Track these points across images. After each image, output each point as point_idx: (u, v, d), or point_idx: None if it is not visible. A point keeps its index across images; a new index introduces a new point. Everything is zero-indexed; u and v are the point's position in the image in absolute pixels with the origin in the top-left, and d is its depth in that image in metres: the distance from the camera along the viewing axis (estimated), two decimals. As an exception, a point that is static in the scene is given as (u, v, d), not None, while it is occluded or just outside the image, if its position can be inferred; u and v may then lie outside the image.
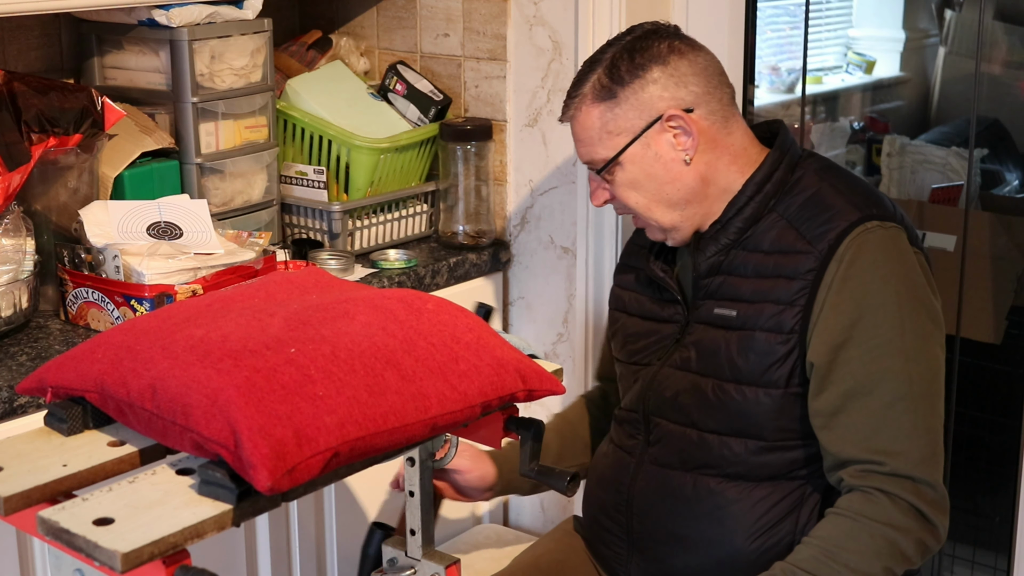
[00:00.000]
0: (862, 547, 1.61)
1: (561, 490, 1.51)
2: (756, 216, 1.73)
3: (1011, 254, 3.06)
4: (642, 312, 1.87)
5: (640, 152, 1.73)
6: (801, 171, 1.76)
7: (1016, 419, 2.51)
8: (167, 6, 2.16)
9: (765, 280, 1.70)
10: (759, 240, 1.72)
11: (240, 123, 2.32)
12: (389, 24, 2.69)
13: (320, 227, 2.44)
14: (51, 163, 2.04)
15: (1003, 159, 3.78)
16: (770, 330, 1.67)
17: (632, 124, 1.73)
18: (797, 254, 1.68)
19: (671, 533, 1.76)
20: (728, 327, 1.71)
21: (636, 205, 1.76)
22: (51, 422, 1.32)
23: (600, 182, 1.78)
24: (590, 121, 1.74)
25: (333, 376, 1.23)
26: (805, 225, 1.69)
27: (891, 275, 1.65)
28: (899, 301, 1.65)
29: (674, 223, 1.76)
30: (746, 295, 1.71)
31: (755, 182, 1.74)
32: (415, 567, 1.59)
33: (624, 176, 1.75)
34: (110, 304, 1.99)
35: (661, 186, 1.74)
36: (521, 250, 2.59)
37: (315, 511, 2.25)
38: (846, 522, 1.62)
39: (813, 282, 1.65)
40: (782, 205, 1.73)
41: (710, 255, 1.76)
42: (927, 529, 1.63)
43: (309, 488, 1.20)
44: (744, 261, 1.73)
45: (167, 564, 1.10)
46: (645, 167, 1.74)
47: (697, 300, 1.77)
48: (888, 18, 4.65)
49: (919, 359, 1.65)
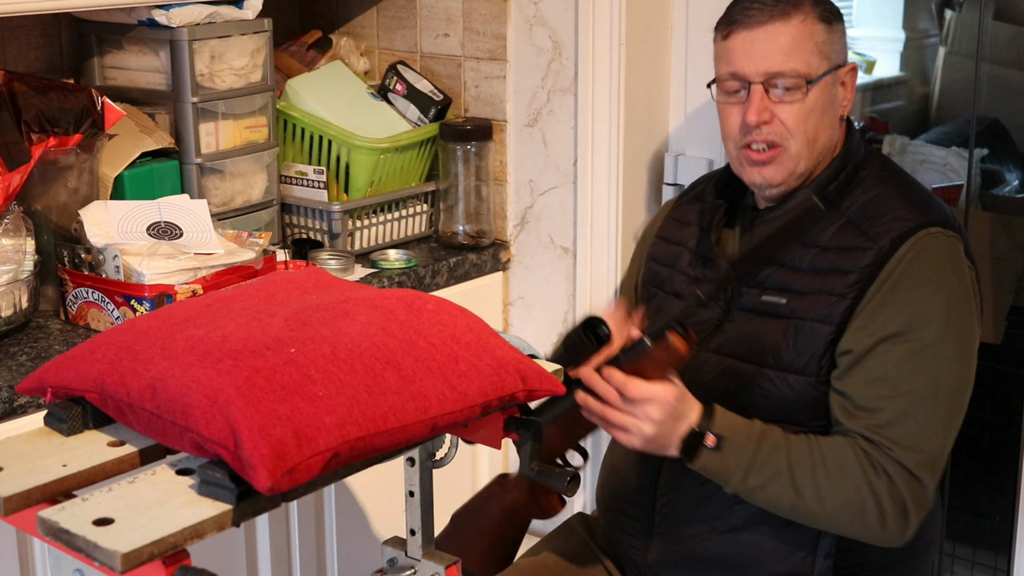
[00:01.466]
0: (842, 488, 1.63)
1: (561, 490, 1.50)
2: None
3: (1011, 254, 3.06)
4: (678, 291, 1.86)
5: (829, 84, 1.75)
6: (865, 172, 1.77)
7: (1016, 419, 2.51)
8: (167, 6, 2.16)
9: (819, 274, 1.70)
10: (818, 236, 1.73)
11: (240, 123, 2.32)
12: (389, 24, 2.69)
13: (320, 227, 2.44)
14: (51, 163, 2.04)
15: (1003, 159, 3.78)
16: (821, 320, 1.68)
17: (835, 57, 1.75)
18: (856, 250, 1.69)
19: (697, 515, 1.76)
20: (776, 315, 1.72)
21: (804, 134, 1.73)
22: (51, 422, 1.32)
23: (768, 99, 1.73)
24: (808, 31, 1.72)
25: (333, 376, 1.23)
26: (867, 223, 1.70)
27: (946, 283, 1.68)
28: (948, 311, 1.67)
29: (807, 168, 1.76)
30: (797, 287, 1.71)
31: (823, 179, 1.76)
32: (415, 567, 1.59)
33: (811, 100, 1.73)
34: (110, 304, 1.99)
35: (824, 127, 1.75)
36: (521, 250, 2.59)
37: (315, 511, 2.25)
38: (849, 460, 1.64)
39: (869, 276, 1.67)
40: (844, 203, 1.74)
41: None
42: (902, 523, 1.65)
43: (309, 488, 1.20)
44: (799, 255, 1.73)
45: (167, 564, 1.10)
46: (825, 101, 1.74)
47: (742, 287, 1.77)
48: (888, 18, 4.64)
49: (953, 369, 1.67)
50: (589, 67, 2.38)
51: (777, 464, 1.64)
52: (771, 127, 1.73)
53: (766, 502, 1.67)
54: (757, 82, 1.72)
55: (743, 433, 1.65)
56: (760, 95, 1.72)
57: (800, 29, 1.71)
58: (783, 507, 1.66)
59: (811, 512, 1.65)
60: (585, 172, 2.44)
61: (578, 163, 2.45)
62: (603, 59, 2.36)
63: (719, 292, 1.71)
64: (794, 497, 1.64)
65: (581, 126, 2.43)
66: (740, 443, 1.64)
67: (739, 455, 1.64)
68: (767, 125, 1.73)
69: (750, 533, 1.74)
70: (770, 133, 1.73)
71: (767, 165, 1.75)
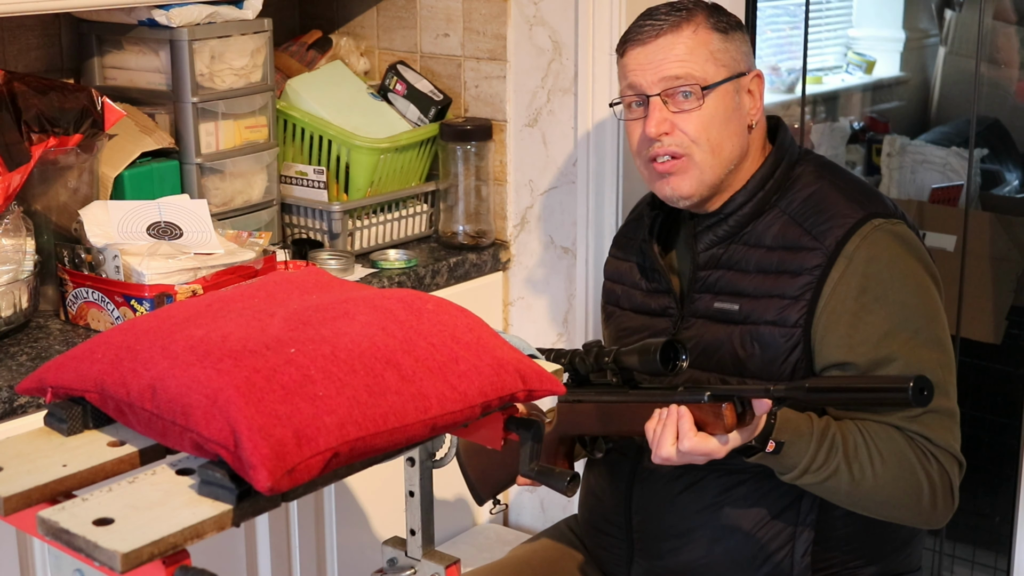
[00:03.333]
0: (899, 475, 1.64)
1: (561, 490, 1.50)
2: (757, 212, 1.76)
3: (1011, 254, 3.06)
4: (634, 306, 1.88)
5: (730, 93, 1.75)
6: (800, 168, 1.79)
7: (1016, 419, 2.52)
8: (167, 6, 2.16)
9: (768, 276, 1.72)
10: (761, 235, 1.74)
11: (240, 123, 2.32)
12: (389, 24, 2.69)
13: (320, 227, 2.44)
14: (51, 163, 2.04)
15: (1003, 159, 3.78)
16: (775, 324, 1.69)
17: (734, 65, 1.76)
18: (802, 250, 1.70)
19: (672, 529, 1.77)
20: (730, 321, 1.73)
21: (707, 141, 1.73)
22: (51, 422, 1.32)
23: (666, 110, 1.74)
24: (701, 39, 1.74)
25: (333, 376, 1.23)
26: (809, 221, 1.72)
27: (912, 268, 1.70)
28: (923, 293, 1.70)
29: (716, 178, 1.75)
30: (748, 290, 1.72)
31: (757, 179, 1.77)
32: (415, 567, 1.59)
33: (709, 107, 1.73)
34: (110, 304, 1.99)
35: (729, 136, 1.75)
36: (521, 250, 2.59)
37: (315, 511, 2.25)
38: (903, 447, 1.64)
39: (819, 277, 1.68)
40: (784, 201, 1.76)
41: (709, 246, 1.77)
42: (949, 503, 1.68)
43: (309, 488, 1.20)
44: (745, 256, 1.74)
45: (167, 564, 1.10)
46: (727, 109, 1.74)
47: (694, 294, 1.78)
48: (888, 18, 4.65)
49: (945, 347, 1.71)
50: (589, 67, 2.38)
51: (835, 463, 1.63)
52: (672, 137, 1.74)
53: (822, 494, 1.67)
54: (654, 93, 1.73)
55: (804, 435, 1.63)
56: (658, 106, 1.73)
57: (692, 38, 1.73)
58: (839, 497, 1.67)
59: (867, 500, 1.66)
60: (585, 172, 2.44)
61: (578, 163, 2.45)
62: (603, 59, 2.37)
63: (791, 392, 1.55)
64: (850, 487, 1.64)
65: (581, 126, 2.43)
66: (801, 447, 1.63)
67: (797, 457, 1.63)
68: (668, 136, 1.74)
69: (726, 542, 1.74)
70: (671, 144, 1.74)
71: (673, 176, 1.75)
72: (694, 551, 1.76)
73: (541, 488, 2.64)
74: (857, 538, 1.74)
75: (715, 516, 1.74)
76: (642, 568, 1.82)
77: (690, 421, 1.56)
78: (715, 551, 1.75)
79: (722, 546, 1.74)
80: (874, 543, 1.75)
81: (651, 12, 1.77)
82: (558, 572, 1.91)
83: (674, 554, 1.78)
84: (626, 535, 1.83)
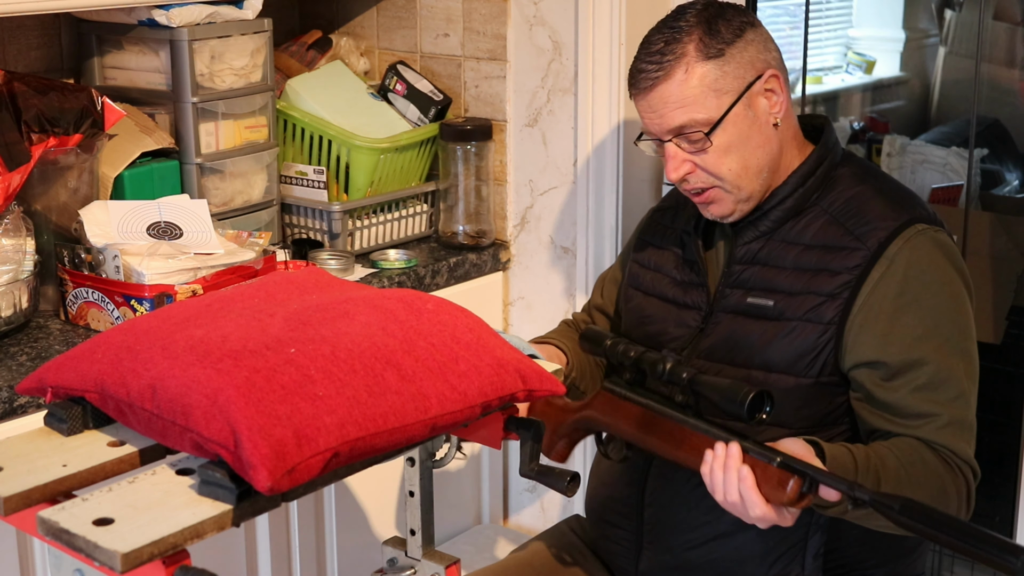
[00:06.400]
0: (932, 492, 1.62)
1: (561, 490, 1.51)
2: (797, 209, 1.75)
3: (1011, 254, 3.06)
4: (661, 294, 1.86)
5: (741, 112, 1.72)
6: (843, 170, 1.78)
7: (1016, 419, 2.51)
8: (167, 6, 2.16)
9: (804, 273, 1.71)
10: (800, 233, 1.74)
11: (240, 123, 2.32)
12: (389, 24, 2.69)
13: (320, 227, 2.44)
14: (51, 163, 2.04)
15: (1003, 159, 3.78)
16: (809, 321, 1.69)
17: (738, 83, 1.71)
18: (843, 250, 1.70)
19: (684, 523, 1.76)
20: (764, 317, 1.72)
21: (729, 172, 1.72)
22: (51, 422, 1.32)
23: (682, 152, 1.73)
24: (693, 80, 1.70)
25: (333, 376, 1.23)
26: (851, 222, 1.71)
27: (949, 277, 1.70)
28: (958, 303, 1.70)
29: (753, 191, 1.74)
30: (784, 286, 1.72)
31: (800, 174, 1.76)
32: (415, 567, 1.59)
33: (723, 139, 1.71)
34: (110, 304, 1.99)
35: (753, 150, 1.73)
36: (521, 250, 2.59)
37: (315, 511, 2.26)
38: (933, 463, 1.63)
39: (859, 277, 1.68)
40: (825, 200, 1.75)
41: (748, 241, 1.77)
42: (965, 514, 1.67)
43: (309, 488, 1.20)
44: (783, 253, 1.74)
45: (167, 564, 1.10)
46: (743, 129, 1.72)
47: (726, 288, 1.77)
48: (888, 18, 4.65)
49: (972, 359, 1.70)
50: (589, 67, 2.38)
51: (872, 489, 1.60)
52: (695, 175, 1.74)
53: (860, 522, 1.63)
54: (667, 139, 1.73)
55: (849, 473, 1.58)
56: (674, 151, 1.73)
57: (684, 82, 1.70)
58: (878, 524, 1.61)
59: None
60: (585, 172, 2.44)
61: (578, 163, 2.45)
62: (603, 59, 2.37)
63: (879, 507, 1.46)
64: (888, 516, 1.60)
65: (581, 126, 2.43)
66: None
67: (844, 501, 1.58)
68: (691, 175, 1.74)
69: (738, 538, 1.74)
70: (696, 181, 1.74)
71: (711, 204, 1.76)
72: (706, 546, 1.76)
73: (541, 488, 2.64)
74: (869, 542, 1.74)
75: (728, 513, 1.73)
76: (650, 561, 1.81)
77: (752, 483, 1.49)
78: (726, 548, 1.75)
79: (734, 542, 1.74)
80: (885, 547, 1.74)
81: (648, 43, 1.74)
82: (559, 574, 1.91)
83: (684, 548, 1.77)
84: (636, 527, 1.82)
